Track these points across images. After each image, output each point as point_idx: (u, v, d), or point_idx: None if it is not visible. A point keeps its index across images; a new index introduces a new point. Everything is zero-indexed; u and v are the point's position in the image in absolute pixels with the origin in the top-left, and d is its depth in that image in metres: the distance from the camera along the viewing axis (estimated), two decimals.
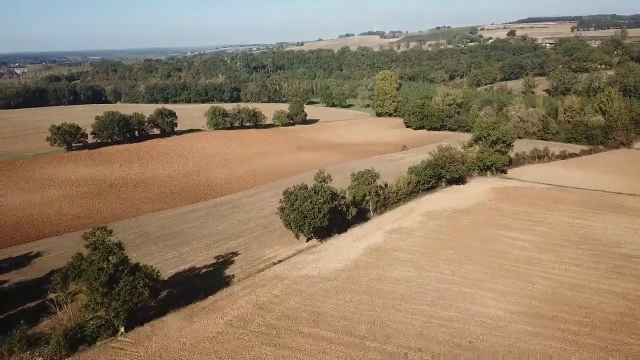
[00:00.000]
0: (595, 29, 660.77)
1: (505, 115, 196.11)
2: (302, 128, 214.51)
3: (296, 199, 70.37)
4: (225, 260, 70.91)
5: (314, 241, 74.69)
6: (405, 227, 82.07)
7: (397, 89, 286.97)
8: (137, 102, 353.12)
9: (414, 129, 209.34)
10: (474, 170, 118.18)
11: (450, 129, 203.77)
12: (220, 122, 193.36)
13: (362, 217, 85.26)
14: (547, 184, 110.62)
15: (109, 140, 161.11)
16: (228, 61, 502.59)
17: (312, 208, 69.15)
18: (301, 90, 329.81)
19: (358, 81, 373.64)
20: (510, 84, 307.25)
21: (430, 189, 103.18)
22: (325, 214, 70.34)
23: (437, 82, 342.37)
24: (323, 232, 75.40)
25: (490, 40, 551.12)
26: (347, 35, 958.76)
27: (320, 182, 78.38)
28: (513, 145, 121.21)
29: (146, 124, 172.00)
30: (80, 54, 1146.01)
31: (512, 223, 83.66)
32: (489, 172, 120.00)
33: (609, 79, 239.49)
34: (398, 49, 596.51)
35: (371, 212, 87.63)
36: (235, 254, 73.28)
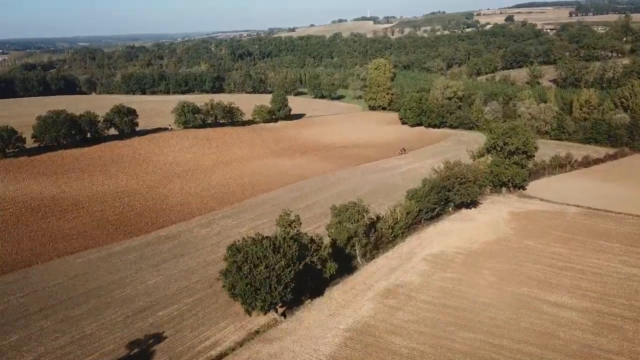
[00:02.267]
0: (593, 14, 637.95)
1: (512, 110, 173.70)
2: (285, 125, 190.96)
3: (245, 261, 47.70)
4: (144, 351, 48.42)
5: (275, 315, 52.22)
6: (403, 284, 59.78)
7: (392, 79, 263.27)
8: (112, 93, 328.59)
9: (411, 126, 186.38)
10: (486, 186, 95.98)
11: (451, 127, 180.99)
12: (191, 119, 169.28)
13: (346, 266, 62.92)
14: (579, 206, 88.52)
15: (55, 144, 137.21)
16: (212, 48, 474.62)
17: (268, 276, 46.57)
18: (288, 80, 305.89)
19: (350, 70, 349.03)
20: (514, 73, 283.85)
21: (435, 216, 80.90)
22: (289, 282, 47.82)
23: (434, 71, 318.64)
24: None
25: (488, 26, 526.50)
26: (340, 20, 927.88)
27: (285, 227, 55.62)
28: (534, 156, 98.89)
29: (100, 124, 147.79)
30: (68, 41, 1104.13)
31: (549, 275, 61.57)
32: (504, 189, 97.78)
33: (625, 68, 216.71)
34: (392, 35, 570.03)
35: (358, 259, 65.24)
36: (161, 336, 50.75)
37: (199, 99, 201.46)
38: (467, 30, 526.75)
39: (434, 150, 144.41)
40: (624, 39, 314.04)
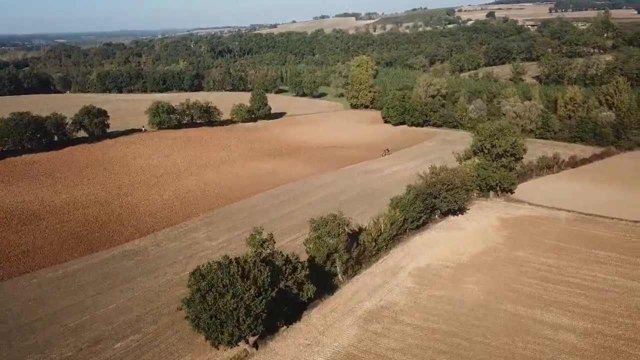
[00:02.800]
0: (572, 10, 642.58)
1: (497, 108, 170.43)
2: (264, 125, 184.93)
3: (209, 289, 42.14)
4: None
5: (246, 346, 46.78)
6: (388, 305, 54.85)
7: (374, 77, 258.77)
8: (88, 92, 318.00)
9: (394, 125, 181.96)
10: (473, 190, 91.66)
11: (434, 125, 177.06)
12: (165, 120, 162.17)
13: (326, 284, 57.73)
14: (569, 211, 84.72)
15: (19, 148, 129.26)
16: (192, 45, 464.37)
17: (236, 307, 41.11)
18: (268, 78, 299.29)
19: (332, 67, 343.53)
20: (497, 69, 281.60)
21: (421, 225, 76.14)
22: (260, 313, 42.40)
23: (417, 68, 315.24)
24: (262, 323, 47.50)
25: (470, 22, 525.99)
26: (322, 17, 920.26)
27: (257, 247, 50.12)
28: (522, 158, 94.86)
29: (68, 126, 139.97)
30: (46, 38, 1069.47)
31: (543, 291, 57.23)
32: (491, 193, 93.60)
33: (608, 65, 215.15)
34: (374, 31, 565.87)
35: (339, 276, 60.09)
36: None
37: (177, 98, 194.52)
38: (449, 26, 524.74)
39: (418, 151, 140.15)
40: (605, 35, 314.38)
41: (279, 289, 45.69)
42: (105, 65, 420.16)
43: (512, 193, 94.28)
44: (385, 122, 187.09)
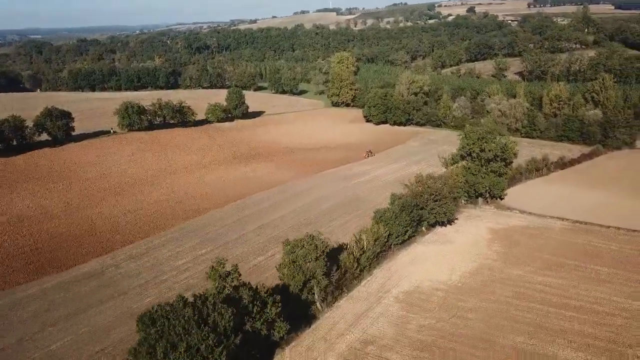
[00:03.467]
0: (551, 5, 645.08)
1: (481, 106, 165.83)
2: (241, 125, 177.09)
3: (160, 338, 34.96)
4: None
5: None
6: (373, 339, 48.36)
7: (355, 73, 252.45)
8: (59, 90, 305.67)
9: (376, 124, 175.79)
10: (461, 197, 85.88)
11: (417, 124, 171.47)
12: (136, 121, 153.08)
13: (303, 315, 51.01)
14: (563, 219, 79.46)
15: None
16: (168, 42, 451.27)
17: None
18: (247, 75, 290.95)
19: (312, 63, 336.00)
20: (479, 65, 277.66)
21: (407, 239, 69.85)
22: None
23: (399, 64, 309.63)
24: None
25: (451, 17, 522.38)
26: (303, 12, 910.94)
27: (218, 282, 42.97)
28: (512, 162, 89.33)
29: (28, 129, 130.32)
30: (21, 33, 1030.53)
31: (545, 317, 51.39)
32: (480, 199, 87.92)
33: (591, 60, 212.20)
34: (355, 26, 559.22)
35: (318, 305, 53.38)
36: None
37: (153, 96, 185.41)
38: (430, 21, 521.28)
39: (401, 152, 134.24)
40: (586, 30, 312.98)
41: (246, 331, 38.74)
42: (78, 62, 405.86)
43: (501, 199, 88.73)
44: (367, 120, 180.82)
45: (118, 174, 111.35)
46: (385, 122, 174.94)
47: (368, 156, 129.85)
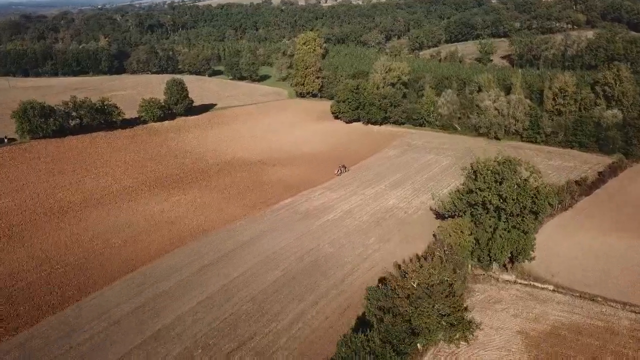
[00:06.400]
0: None
1: (470, 101, 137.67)
2: (183, 124, 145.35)
3: None
4: None
5: None
6: None
7: (323, 57, 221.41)
8: None
9: (347, 123, 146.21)
10: (467, 265, 57.96)
11: (396, 123, 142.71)
12: (40, 126, 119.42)
13: None
14: (625, 305, 52.72)
15: None
16: (118, 18, 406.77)
17: None
18: (201, 58, 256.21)
19: (276, 44, 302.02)
20: (461, 47, 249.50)
21: None
22: None
23: (372, 45, 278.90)
24: None
25: None
26: None
27: None
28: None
29: None
30: None
31: None
32: (494, 264, 60.08)
33: (590, 43, 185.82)
34: (325, 2, 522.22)
35: None
36: None
37: (94, 83, 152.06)
38: None
39: (379, 166, 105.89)
40: (574, 7, 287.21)
41: None
42: (15, 42, 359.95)
43: (529, 261, 61.12)
44: (336, 117, 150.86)
45: None
46: (357, 120, 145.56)
47: (340, 173, 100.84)
